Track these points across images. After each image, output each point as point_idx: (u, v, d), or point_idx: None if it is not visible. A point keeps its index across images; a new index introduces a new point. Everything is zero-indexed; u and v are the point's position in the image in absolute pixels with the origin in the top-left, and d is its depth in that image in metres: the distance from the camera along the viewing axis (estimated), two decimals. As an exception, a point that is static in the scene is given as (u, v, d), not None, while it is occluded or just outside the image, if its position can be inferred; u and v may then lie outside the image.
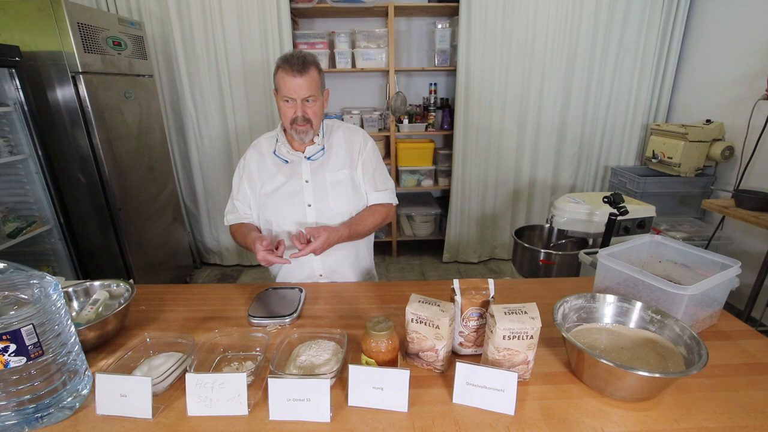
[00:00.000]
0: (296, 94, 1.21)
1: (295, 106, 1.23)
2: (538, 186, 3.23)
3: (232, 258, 3.35)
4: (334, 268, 1.39)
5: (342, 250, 1.37)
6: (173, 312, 1.13)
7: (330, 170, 1.34)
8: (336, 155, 1.36)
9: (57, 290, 0.76)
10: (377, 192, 1.39)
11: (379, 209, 1.39)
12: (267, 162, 1.37)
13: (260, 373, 0.86)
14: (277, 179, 1.35)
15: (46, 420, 0.74)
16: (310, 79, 1.21)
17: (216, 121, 3.00)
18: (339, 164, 1.35)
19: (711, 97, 2.69)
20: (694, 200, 2.68)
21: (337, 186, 1.34)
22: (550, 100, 2.99)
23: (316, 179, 1.33)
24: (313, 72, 1.22)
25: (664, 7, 2.79)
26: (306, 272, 1.39)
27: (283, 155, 1.35)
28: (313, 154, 1.34)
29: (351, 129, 1.42)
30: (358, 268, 1.44)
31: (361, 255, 1.45)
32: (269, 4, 2.71)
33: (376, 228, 1.38)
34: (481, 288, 0.87)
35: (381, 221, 1.38)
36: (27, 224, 2.09)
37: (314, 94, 1.23)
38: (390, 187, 1.43)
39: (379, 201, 1.39)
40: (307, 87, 1.21)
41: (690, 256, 1.12)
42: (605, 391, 0.79)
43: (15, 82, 1.90)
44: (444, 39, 3.06)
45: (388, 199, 1.41)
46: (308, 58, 1.22)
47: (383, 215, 1.39)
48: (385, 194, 1.40)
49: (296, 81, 1.20)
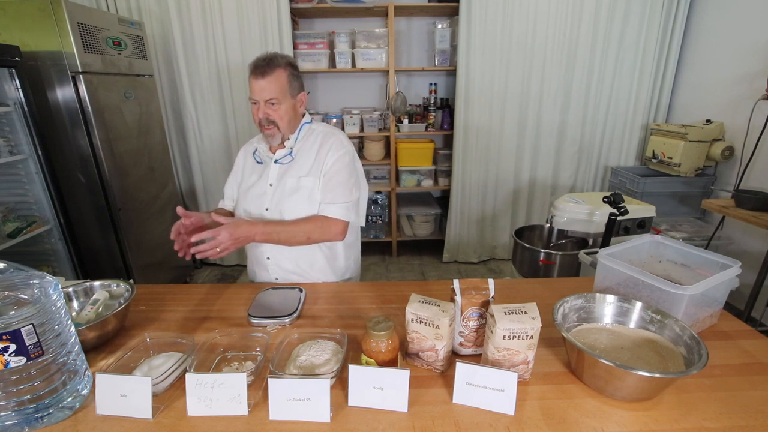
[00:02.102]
0: (258, 95, 1.20)
1: (260, 107, 1.22)
2: (538, 186, 3.23)
3: (232, 258, 3.35)
4: (289, 273, 1.34)
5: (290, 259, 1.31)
6: (173, 312, 1.13)
7: (292, 176, 1.29)
8: (303, 161, 1.30)
9: (57, 290, 0.76)
10: (326, 204, 1.26)
11: (316, 219, 1.25)
12: (249, 161, 1.40)
13: (260, 373, 0.86)
14: (251, 178, 1.36)
15: (46, 420, 0.74)
16: (273, 81, 1.19)
17: (216, 121, 3.00)
18: (303, 170, 1.29)
19: (711, 97, 2.69)
20: (694, 200, 2.68)
21: (295, 193, 1.27)
22: (550, 100, 2.99)
23: (279, 183, 1.30)
24: (279, 74, 1.19)
25: (664, 7, 2.79)
26: (264, 275, 1.37)
27: (258, 156, 1.37)
28: (281, 158, 1.32)
29: (328, 134, 1.33)
30: (316, 279, 1.36)
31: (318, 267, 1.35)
32: (269, 4, 2.71)
33: (305, 237, 1.23)
34: (481, 288, 0.87)
35: (313, 230, 1.23)
36: (27, 224, 2.09)
37: (277, 96, 1.20)
38: (347, 201, 1.27)
39: (325, 214, 1.26)
40: (268, 89, 1.19)
41: (690, 256, 1.12)
42: (605, 391, 0.79)
43: (15, 82, 1.90)
44: (444, 39, 3.06)
45: (337, 213, 1.25)
46: (276, 60, 1.20)
47: (317, 227, 1.23)
48: (335, 208, 1.26)
49: (258, 83, 1.19)
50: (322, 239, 1.27)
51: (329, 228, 1.25)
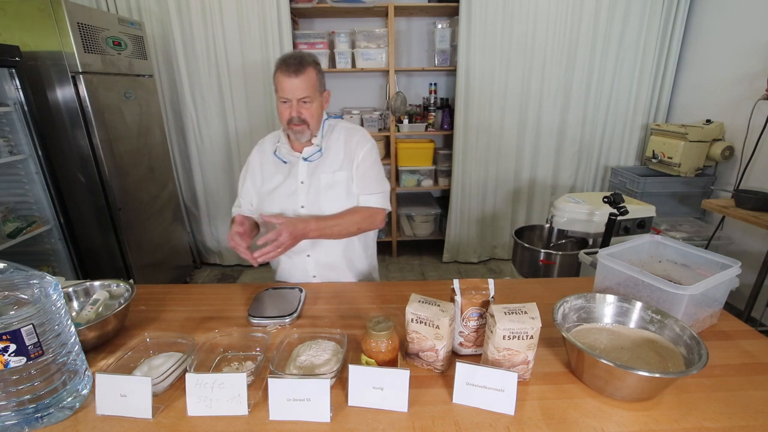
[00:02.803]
0: (292, 94, 1.21)
1: (291, 106, 1.23)
2: (538, 186, 3.23)
3: (232, 258, 3.35)
4: (328, 269, 1.38)
5: (333, 252, 1.36)
6: (173, 312, 1.13)
7: (326, 171, 1.32)
8: (333, 156, 1.34)
9: (57, 290, 0.76)
10: (366, 195, 1.34)
11: (362, 210, 1.32)
12: (268, 161, 1.38)
13: (260, 373, 0.86)
14: (275, 179, 1.35)
15: (46, 420, 0.74)
16: (306, 80, 1.20)
17: (216, 121, 3.00)
18: (336, 165, 1.33)
19: (711, 97, 2.69)
20: (694, 200, 2.68)
21: (332, 188, 1.32)
22: (550, 100, 2.99)
23: (311, 180, 1.32)
24: (310, 72, 1.21)
25: (664, 7, 2.79)
26: (299, 272, 1.39)
27: (282, 155, 1.35)
28: (311, 155, 1.33)
29: (351, 129, 1.39)
30: (353, 272, 1.42)
31: (356, 257, 1.42)
32: (269, 4, 2.71)
33: (355, 228, 1.30)
34: (481, 288, 0.87)
35: (362, 221, 1.30)
36: (27, 224, 2.09)
37: (310, 95, 1.22)
38: (383, 191, 1.36)
39: (367, 204, 1.34)
40: (302, 87, 1.20)
41: (690, 256, 1.12)
42: (605, 391, 0.79)
43: (15, 82, 1.90)
44: (444, 39, 3.06)
45: (378, 203, 1.34)
46: (306, 58, 1.22)
47: (365, 217, 1.31)
48: (375, 198, 1.34)
49: (292, 81, 1.19)
50: (369, 228, 1.35)
51: (375, 217, 1.33)
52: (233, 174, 3.11)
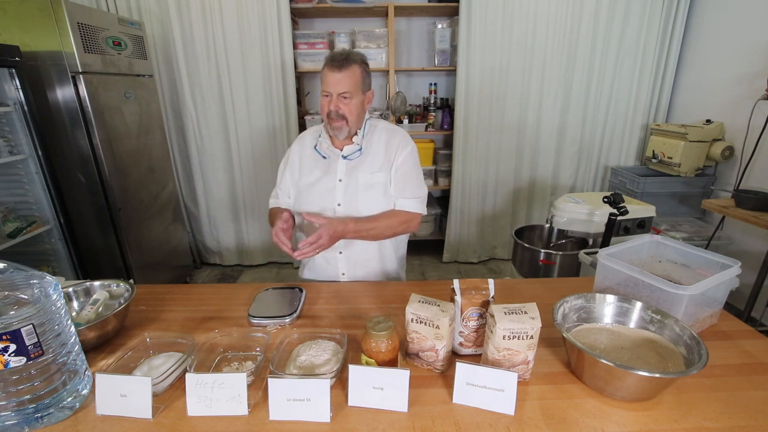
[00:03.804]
0: (332, 88, 1.22)
1: (331, 100, 1.24)
2: (538, 186, 3.23)
3: (232, 258, 3.35)
4: (359, 267, 1.39)
5: (366, 251, 1.37)
6: (173, 312, 1.13)
7: (365, 171, 1.32)
8: (373, 156, 1.34)
9: (57, 290, 0.76)
10: (404, 199, 1.34)
11: (399, 214, 1.33)
12: (307, 155, 1.38)
13: (260, 373, 0.86)
14: (314, 174, 1.35)
15: (46, 420, 0.74)
16: (349, 75, 1.21)
17: (216, 121, 3.00)
18: (375, 166, 1.33)
19: (711, 97, 2.69)
20: (694, 200, 2.68)
21: (370, 188, 1.32)
22: (550, 100, 2.99)
23: (349, 179, 1.32)
24: (354, 68, 1.22)
25: (664, 8, 2.79)
26: (330, 271, 1.40)
27: (322, 150, 1.36)
28: (351, 154, 1.33)
29: (391, 130, 1.38)
30: (382, 270, 1.43)
31: (387, 258, 1.43)
32: (269, 4, 2.71)
33: (391, 231, 1.33)
34: (481, 288, 0.87)
35: (398, 225, 1.32)
36: (27, 224, 2.09)
37: (350, 90, 1.23)
38: (421, 195, 1.37)
39: (403, 208, 1.34)
40: (344, 82, 1.21)
41: (690, 256, 1.12)
42: (605, 391, 0.79)
43: (15, 82, 1.90)
44: (444, 39, 3.06)
45: (415, 207, 1.35)
46: (353, 55, 1.23)
47: (402, 222, 1.32)
48: (412, 202, 1.34)
49: (334, 75, 1.21)
50: (404, 232, 1.38)
51: (411, 222, 1.35)
52: (233, 174, 3.11)
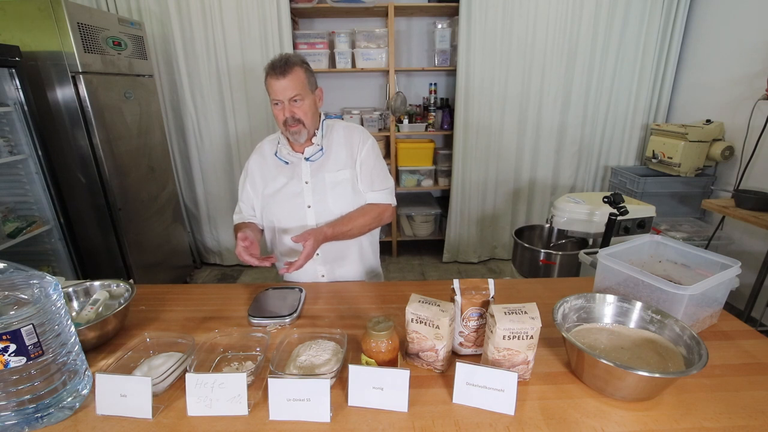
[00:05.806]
0: (281, 95, 1.21)
1: (284, 107, 1.23)
2: (538, 186, 3.23)
3: (232, 258, 3.35)
4: (336, 267, 1.39)
5: (343, 250, 1.37)
6: (173, 312, 1.13)
7: (330, 170, 1.33)
8: (336, 155, 1.35)
9: (57, 290, 0.76)
10: (373, 192, 1.36)
11: (371, 208, 1.35)
12: (269, 164, 1.38)
13: (260, 373, 0.86)
14: (278, 180, 1.35)
15: (46, 420, 0.74)
16: (293, 79, 1.20)
17: (216, 121, 3.00)
18: (339, 164, 1.34)
19: (711, 97, 2.69)
20: (694, 200, 2.68)
21: (337, 186, 1.33)
22: (550, 100, 2.99)
23: (315, 180, 1.32)
24: (297, 71, 1.21)
25: (664, 7, 2.79)
26: (309, 273, 1.39)
27: (283, 157, 1.35)
28: (312, 155, 1.33)
29: (350, 127, 1.40)
30: (362, 267, 1.44)
31: (365, 254, 1.44)
32: (269, 4, 2.71)
33: (367, 228, 1.35)
34: (481, 288, 0.87)
35: (372, 221, 1.34)
36: (27, 224, 2.09)
37: (300, 93, 1.22)
38: (388, 186, 1.39)
39: (374, 201, 1.36)
40: (291, 87, 1.21)
41: (690, 256, 1.12)
42: (605, 391, 0.79)
43: (15, 82, 1.90)
44: (444, 39, 3.06)
45: (385, 199, 1.38)
46: (291, 58, 1.22)
47: (375, 215, 1.35)
48: (382, 194, 1.37)
49: (280, 83, 1.20)
50: (379, 225, 1.39)
51: (383, 214, 1.37)
52: (233, 174, 3.11)
